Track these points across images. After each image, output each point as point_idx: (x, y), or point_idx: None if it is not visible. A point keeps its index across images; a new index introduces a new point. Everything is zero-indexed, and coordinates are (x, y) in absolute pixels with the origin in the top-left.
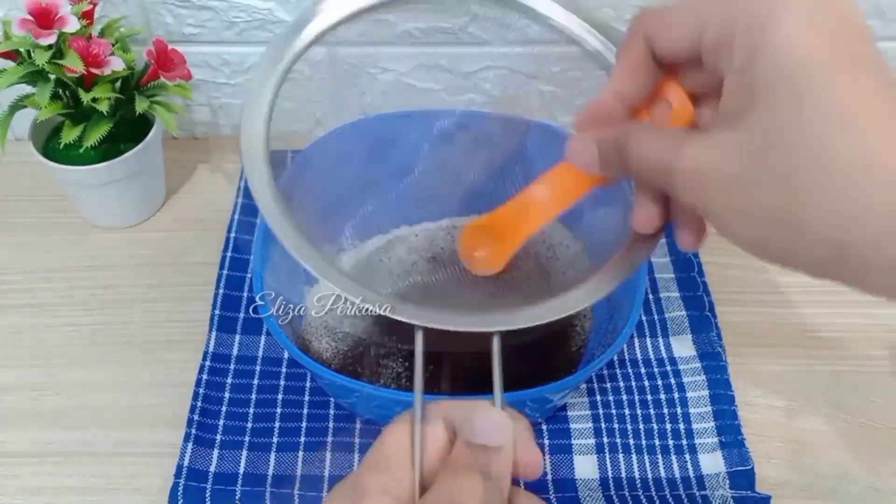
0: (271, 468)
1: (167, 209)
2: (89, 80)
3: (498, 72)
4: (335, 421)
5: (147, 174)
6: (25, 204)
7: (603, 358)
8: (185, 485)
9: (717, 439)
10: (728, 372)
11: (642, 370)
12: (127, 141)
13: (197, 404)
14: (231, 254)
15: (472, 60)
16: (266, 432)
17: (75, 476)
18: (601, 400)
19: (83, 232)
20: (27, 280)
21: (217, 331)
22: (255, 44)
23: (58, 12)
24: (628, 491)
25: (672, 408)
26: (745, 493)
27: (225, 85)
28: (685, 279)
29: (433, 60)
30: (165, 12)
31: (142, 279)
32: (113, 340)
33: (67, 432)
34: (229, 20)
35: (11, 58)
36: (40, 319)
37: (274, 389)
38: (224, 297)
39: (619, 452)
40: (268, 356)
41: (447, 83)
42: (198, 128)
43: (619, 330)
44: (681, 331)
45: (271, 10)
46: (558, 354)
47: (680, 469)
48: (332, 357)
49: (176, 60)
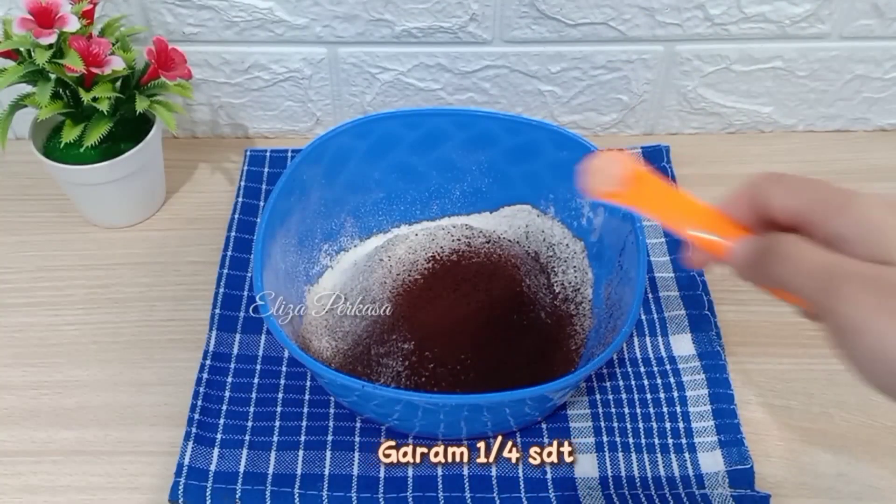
0: (271, 467)
1: (167, 208)
2: (90, 80)
3: (498, 71)
4: (335, 420)
5: (147, 173)
6: (25, 204)
7: (602, 357)
8: (185, 483)
9: (717, 438)
10: (727, 371)
11: (642, 369)
12: (127, 140)
13: (197, 403)
14: (231, 253)
15: (472, 60)
16: (266, 431)
17: (75, 475)
18: (601, 399)
19: (83, 231)
20: (27, 279)
21: (217, 330)
22: (255, 43)
23: (58, 12)
24: (628, 490)
25: (671, 406)
26: (744, 491)
27: (225, 84)
28: (685, 278)
29: (433, 60)
30: (166, 11)
31: (142, 278)
32: (113, 339)
33: (67, 431)
34: (229, 19)
35: (12, 57)
36: (40, 318)
37: (274, 388)
38: (224, 296)
39: (618, 451)
40: (268, 355)
41: (447, 83)
42: (198, 127)
43: (619, 329)
44: (680, 330)
45: (271, 9)
46: (558, 353)
47: (679, 468)
48: (332, 356)
49: (176, 60)
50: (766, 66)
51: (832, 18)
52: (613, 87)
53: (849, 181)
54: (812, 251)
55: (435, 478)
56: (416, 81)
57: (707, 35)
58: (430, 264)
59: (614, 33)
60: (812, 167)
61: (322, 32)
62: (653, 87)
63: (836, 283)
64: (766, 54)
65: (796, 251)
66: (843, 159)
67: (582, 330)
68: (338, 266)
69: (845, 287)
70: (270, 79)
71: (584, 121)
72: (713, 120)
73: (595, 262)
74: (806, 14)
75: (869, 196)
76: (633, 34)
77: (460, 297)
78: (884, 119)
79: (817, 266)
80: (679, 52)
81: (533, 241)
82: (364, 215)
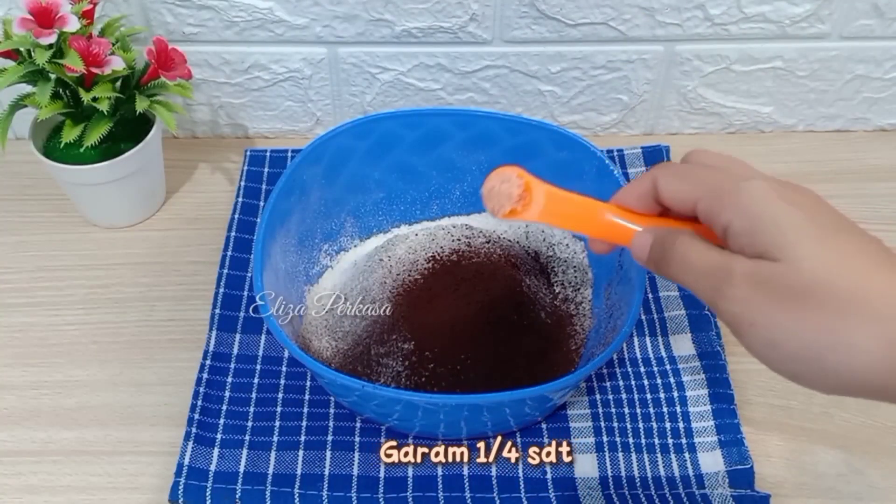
0: (271, 467)
1: (167, 208)
2: (90, 80)
3: (498, 71)
4: (335, 420)
5: (147, 173)
6: (25, 203)
7: (602, 357)
8: (185, 483)
9: (717, 438)
10: (727, 371)
11: (642, 369)
12: (127, 140)
13: (197, 403)
14: (231, 253)
15: (472, 60)
16: (266, 431)
17: (75, 475)
18: (601, 399)
19: (83, 231)
20: (27, 279)
21: (217, 330)
22: (255, 43)
23: (58, 12)
24: (628, 490)
25: (671, 406)
26: (744, 491)
27: (225, 84)
28: None
29: (433, 60)
30: (166, 11)
31: (142, 278)
32: (113, 339)
33: (67, 431)
34: (229, 19)
35: (12, 57)
36: (40, 318)
37: (274, 388)
38: (224, 296)
39: (618, 451)
40: (268, 355)
41: (447, 83)
42: (198, 127)
43: (619, 329)
44: (680, 330)
45: (271, 9)
46: (558, 353)
47: (679, 468)
48: (332, 356)
49: (176, 60)
50: (766, 66)
51: (832, 18)
52: (613, 87)
53: (849, 181)
54: (699, 252)
55: (435, 478)
56: (416, 81)
57: (707, 35)
58: (430, 264)
59: (614, 33)
60: (812, 167)
61: (322, 32)
62: (653, 87)
63: (722, 284)
64: (766, 54)
65: (684, 251)
66: (843, 159)
67: (582, 330)
68: (338, 266)
69: (730, 290)
70: (270, 79)
71: (584, 121)
72: (713, 120)
73: (595, 262)
74: (806, 14)
75: (755, 183)
76: (633, 34)
77: (460, 297)
78: (884, 119)
79: (705, 267)
80: (679, 52)
81: (533, 241)
82: (364, 215)
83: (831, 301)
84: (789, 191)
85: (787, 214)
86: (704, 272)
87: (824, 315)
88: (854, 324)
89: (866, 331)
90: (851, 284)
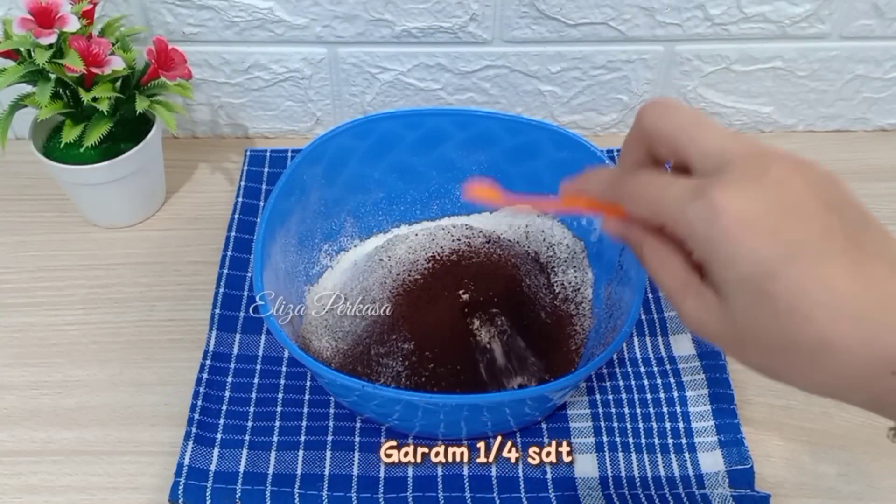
0: (271, 467)
1: (167, 208)
2: (89, 80)
3: (498, 71)
4: (335, 420)
5: (147, 173)
6: (25, 203)
7: (602, 357)
8: (185, 483)
9: (717, 438)
10: (727, 371)
11: (642, 369)
12: (127, 140)
13: (197, 403)
14: (231, 253)
15: (472, 60)
16: (266, 431)
17: (75, 475)
18: (601, 399)
19: (83, 231)
20: (27, 279)
21: (217, 330)
22: (255, 43)
23: (58, 12)
24: (628, 489)
25: (671, 406)
26: (744, 491)
27: (225, 84)
28: None
29: (433, 60)
30: (166, 11)
31: (142, 278)
32: (113, 339)
33: (67, 431)
34: (229, 19)
35: (12, 57)
36: (40, 318)
37: (274, 388)
38: (224, 296)
39: (618, 451)
40: (268, 355)
41: (447, 83)
42: (198, 127)
43: (619, 329)
44: (680, 329)
45: (271, 9)
46: (558, 353)
47: (679, 468)
48: (332, 356)
49: (176, 60)
50: (766, 66)
51: (832, 18)
52: (613, 87)
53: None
54: (665, 270)
55: (435, 478)
56: (416, 81)
57: (707, 35)
58: (430, 264)
59: (614, 33)
60: None
61: (322, 32)
62: (653, 87)
63: (680, 307)
64: (766, 54)
65: (653, 266)
66: (843, 159)
67: (582, 330)
68: (338, 266)
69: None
70: (270, 79)
71: (584, 121)
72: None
73: (595, 262)
74: (806, 14)
75: (716, 128)
76: (633, 34)
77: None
78: (884, 119)
79: (669, 285)
80: (679, 52)
81: (533, 241)
82: (364, 215)
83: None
84: (756, 189)
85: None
86: (668, 289)
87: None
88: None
89: (841, 329)
90: (825, 285)
